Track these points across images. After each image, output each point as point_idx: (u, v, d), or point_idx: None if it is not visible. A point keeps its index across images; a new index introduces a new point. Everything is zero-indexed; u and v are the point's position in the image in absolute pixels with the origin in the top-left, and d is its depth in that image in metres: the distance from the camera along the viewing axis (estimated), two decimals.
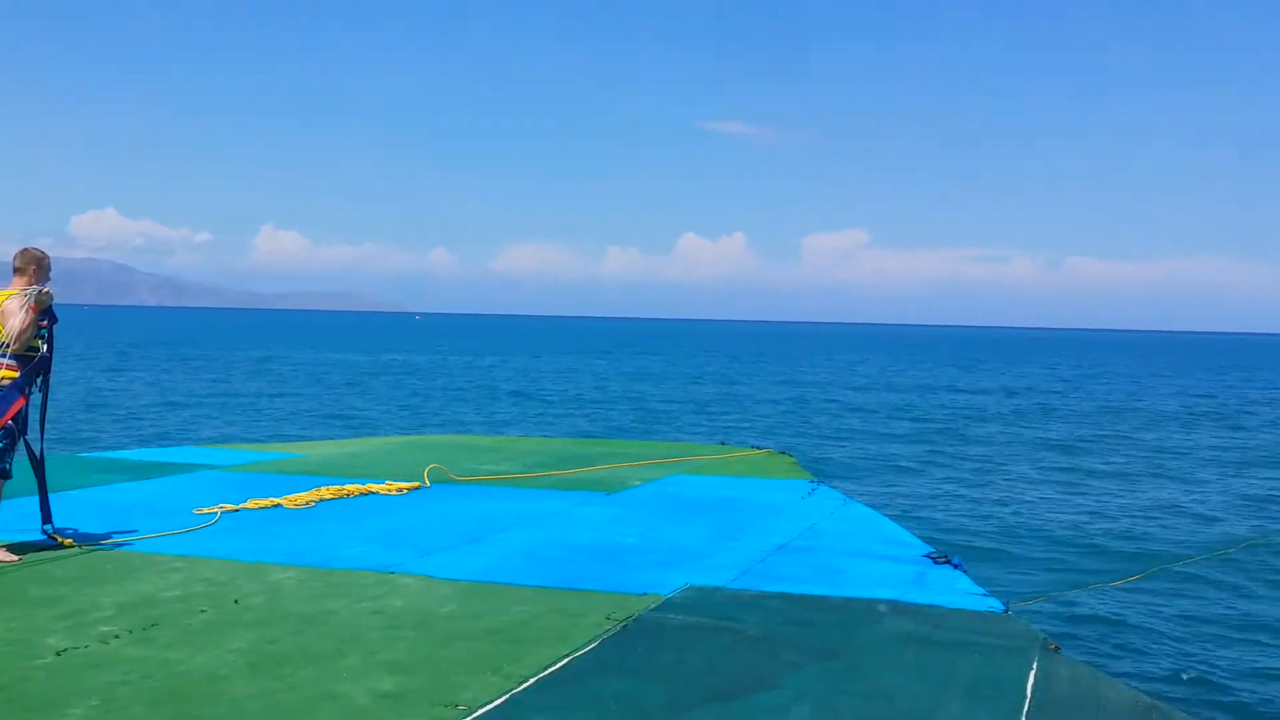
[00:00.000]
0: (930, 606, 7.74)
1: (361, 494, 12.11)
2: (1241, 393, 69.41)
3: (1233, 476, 29.16)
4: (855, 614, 7.52)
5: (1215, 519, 22.27)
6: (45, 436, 9.24)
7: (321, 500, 11.66)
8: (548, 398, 54.28)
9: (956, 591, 8.27)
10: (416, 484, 12.83)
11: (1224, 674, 12.36)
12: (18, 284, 8.86)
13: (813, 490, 13.21)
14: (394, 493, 12.29)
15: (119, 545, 9.29)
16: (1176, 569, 17.10)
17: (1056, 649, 6.85)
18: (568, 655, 6.40)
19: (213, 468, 14.46)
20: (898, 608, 7.69)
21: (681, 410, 48.05)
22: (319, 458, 15.73)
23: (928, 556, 9.52)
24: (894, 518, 12.87)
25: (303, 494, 11.72)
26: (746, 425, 41.25)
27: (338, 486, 12.25)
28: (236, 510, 11.00)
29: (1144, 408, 53.88)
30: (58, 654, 6.25)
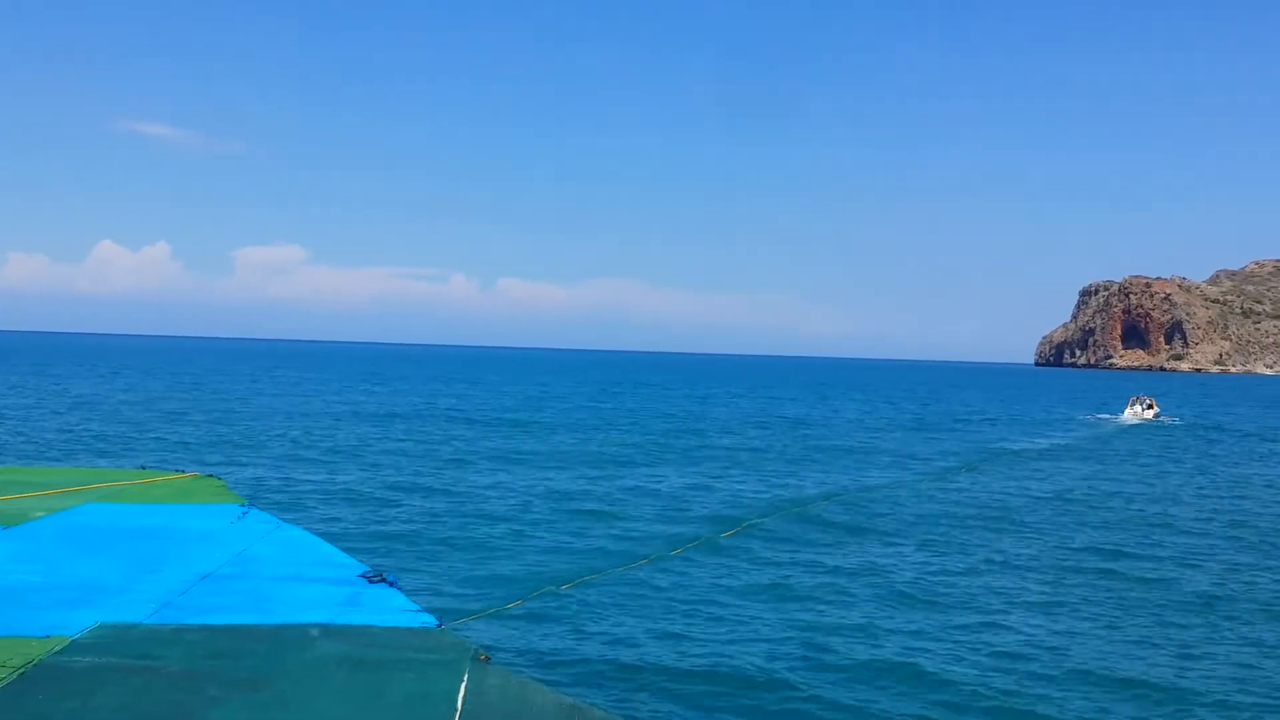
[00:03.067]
0: (363, 626, 7.69)
1: None
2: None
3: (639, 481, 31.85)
4: (285, 641, 7.28)
5: (651, 522, 24.17)
6: None
7: None
8: None
9: (391, 609, 8.28)
10: None
11: (651, 669, 13.41)
12: None
13: (243, 514, 12.67)
14: None
15: None
16: (608, 573, 18.41)
17: (487, 659, 7.06)
18: None
19: None
20: (330, 630, 7.55)
21: (100, 433, 44.28)
22: None
23: (363, 576, 9.47)
24: (332, 538, 12.69)
25: None
26: (172, 447, 38.84)
27: None
28: None
29: (545, 420, 57.56)
30: None
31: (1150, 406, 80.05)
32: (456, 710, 6.03)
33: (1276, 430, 71.53)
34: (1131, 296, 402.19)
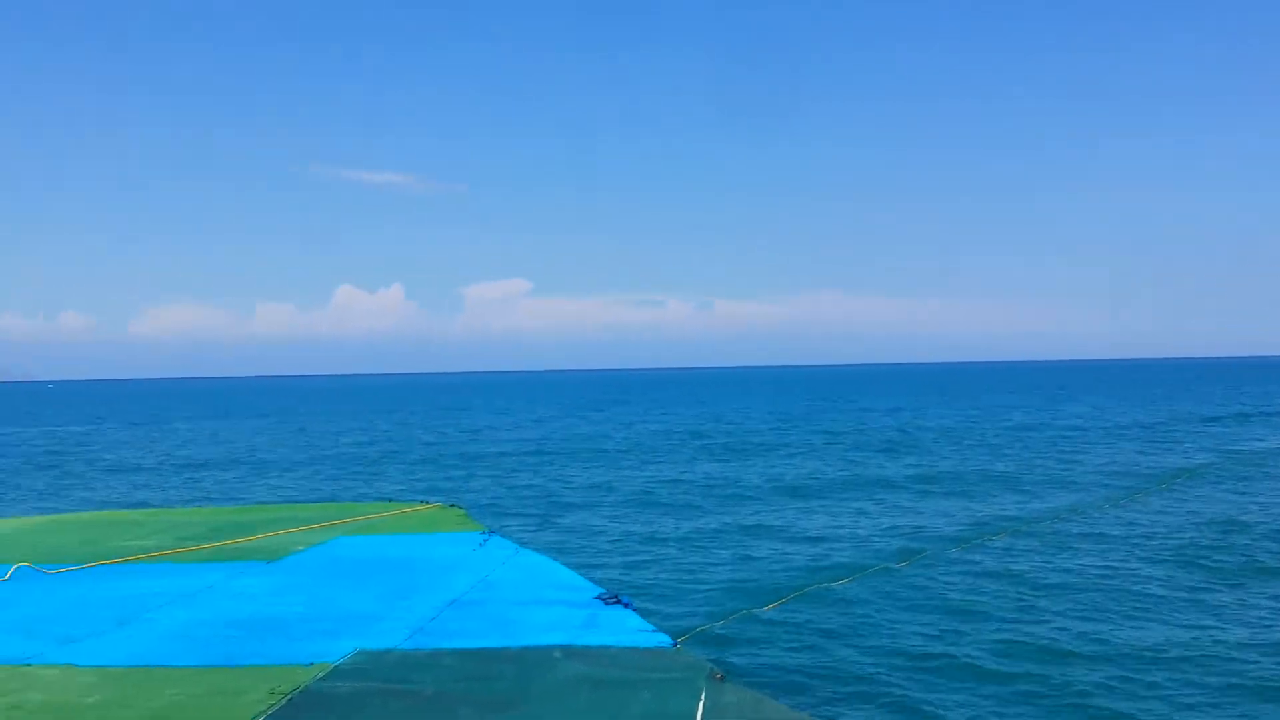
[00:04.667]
0: (602, 647, 7.89)
1: None
2: (881, 420, 75.14)
3: (875, 504, 31.40)
4: (530, 662, 7.54)
5: (863, 542, 23.86)
6: None
7: None
8: (202, 463, 51.43)
9: (627, 630, 8.46)
10: None
11: (889, 685, 13.22)
12: None
13: (484, 541, 13.17)
14: None
15: None
16: (825, 590, 18.24)
17: (722, 678, 7.14)
18: None
19: None
20: (571, 651, 7.78)
21: (347, 469, 46.77)
22: None
23: (599, 598, 9.71)
24: (567, 563, 13.04)
25: None
26: (415, 480, 40.65)
27: None
28: None
29: (790, 442, 57.24)
30: None
31: None
32: None
33: None
34: None
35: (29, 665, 7.73)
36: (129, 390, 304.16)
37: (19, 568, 11.99)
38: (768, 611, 16.71)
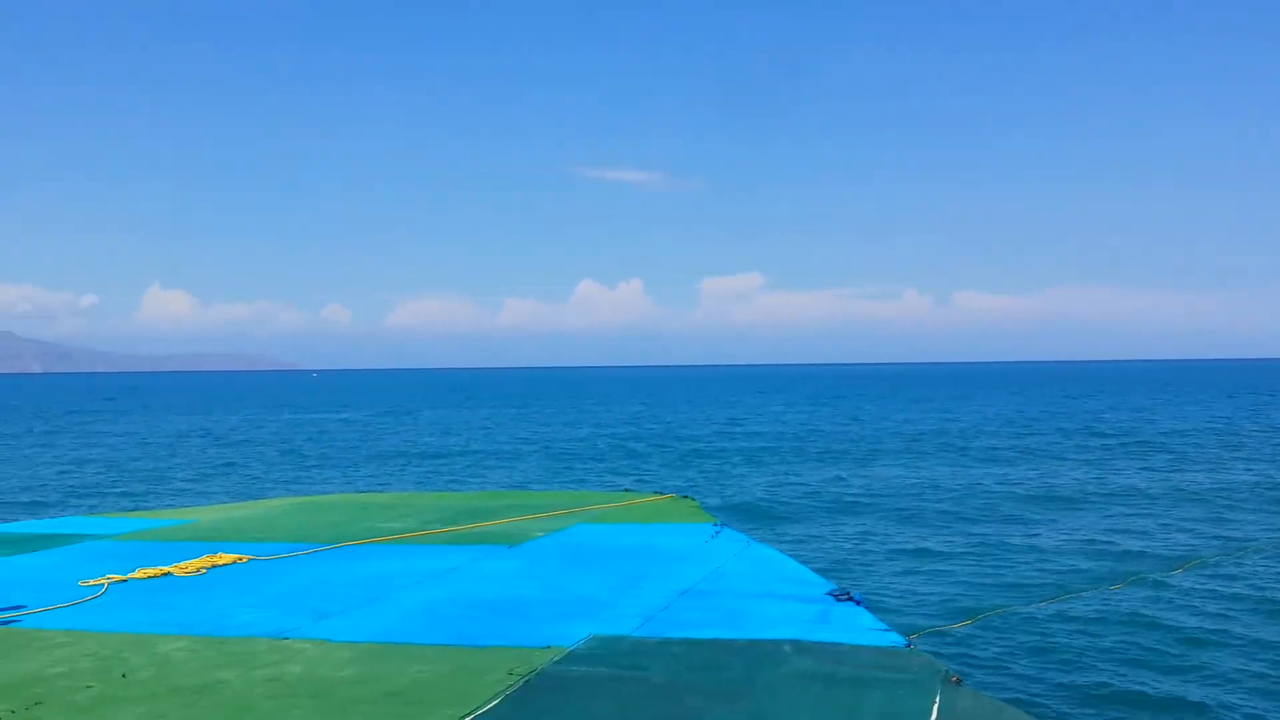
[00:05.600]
0: (833, 644, 7.78)
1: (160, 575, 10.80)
2: (1146, 419, 71.46)
3: (1143, 509, 29.92)
4: (760, 655, 7.52)
5: (1113, 550, 22.77)
6: None
7: (215, 566, 11.34)
8: (447, 451, 53.69)
9: (859, 628, 8.33)
10: (232, 558, 11.72)
11: (1122, 699, 12.60)
12: None
13: (716, 533, 13.22)
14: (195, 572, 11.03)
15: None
16: (1074, 596, 17.48)
17: (958, 681, 6.92)
18: (469, 714, 6.28)
19: (98, 537, 13.98)
20: (801, 647, 7.71)
21: (584, 459, 47.92)
22: (210, 523, 15.32)
23: (830, 594, 9.59)
24: (798, 557, 12.94)
25: (194, 561, 11.38)
26: (649, 471, 41.28)
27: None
28: (124, 581, 10.64)
29: (1036, 448, 55.13)
30: None
31: None
32: None
33: None
34: None
35: (287, 639, 8.23)
36: (383, 380, 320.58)
37: (273, 545, 12.83)
38: (1003, 617, 16.15)
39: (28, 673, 7.35)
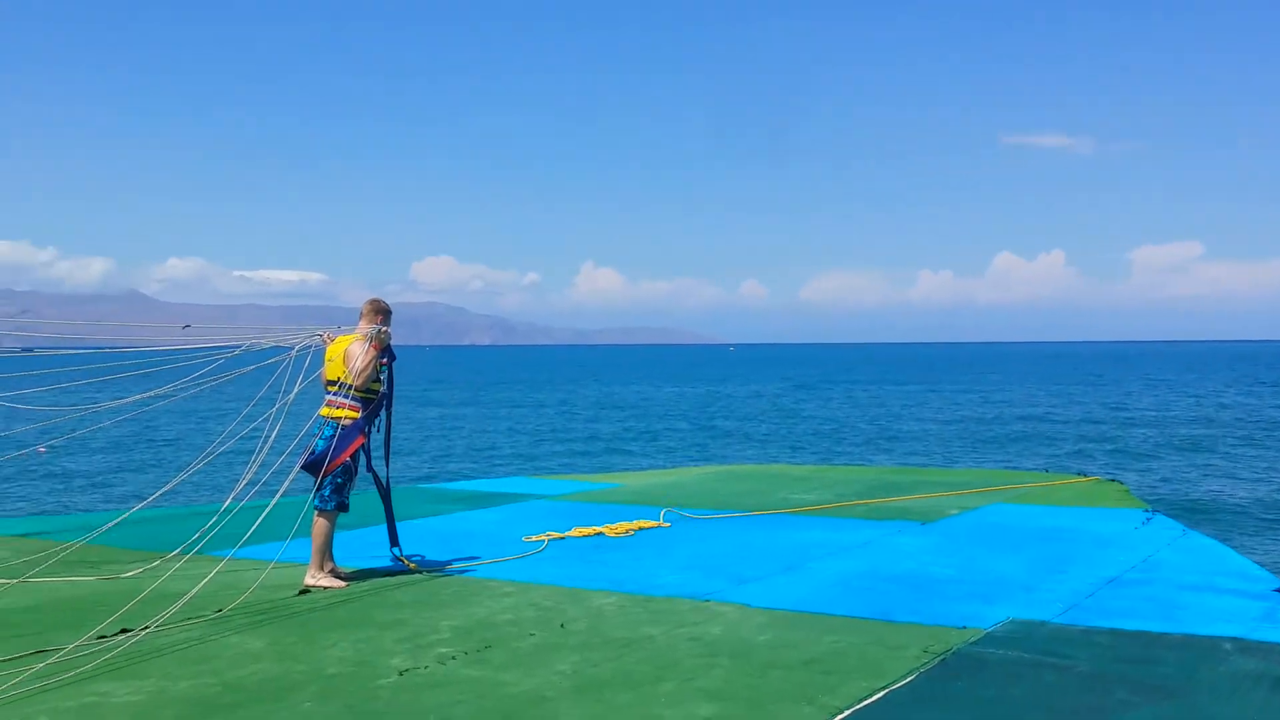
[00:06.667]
0: None
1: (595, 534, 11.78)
2: None
3: None
4: (1196, 652, 7.03)
5: None
6: (390, 467, 9.99)
7: (641, 529, 12.04)
8: (856, 425, 53.66)
9: None
10: (654, 523, 12.48)
11: None
12: (361, 328, 9.65)
13: (1147, 520, 12.43)
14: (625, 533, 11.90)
15: (455, 571, 9.93)
16: None
17: None
18: (884, 688, 6.31)
19: (540, 497, 15.23)
20: (1244, 646, 7.13)
21: (998, 436, 46.35)
22: (636, 487, 16.24)
23: (1279, 591, 8.78)
24: (1241, 551, 11.95)
25: (623, 524, 12.14)
26: (1069, 452, 39.28)
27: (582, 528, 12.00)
28: (562, 538, 11.54)
29: None
30: (400, 674, 6.74)
31: None
32: None
33: None
34: None
35: (709, 601, 8.61)
36: (796, 354, 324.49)
37: (693, 510, 13.42)
38: None
39: (481, 618, 8.14)
